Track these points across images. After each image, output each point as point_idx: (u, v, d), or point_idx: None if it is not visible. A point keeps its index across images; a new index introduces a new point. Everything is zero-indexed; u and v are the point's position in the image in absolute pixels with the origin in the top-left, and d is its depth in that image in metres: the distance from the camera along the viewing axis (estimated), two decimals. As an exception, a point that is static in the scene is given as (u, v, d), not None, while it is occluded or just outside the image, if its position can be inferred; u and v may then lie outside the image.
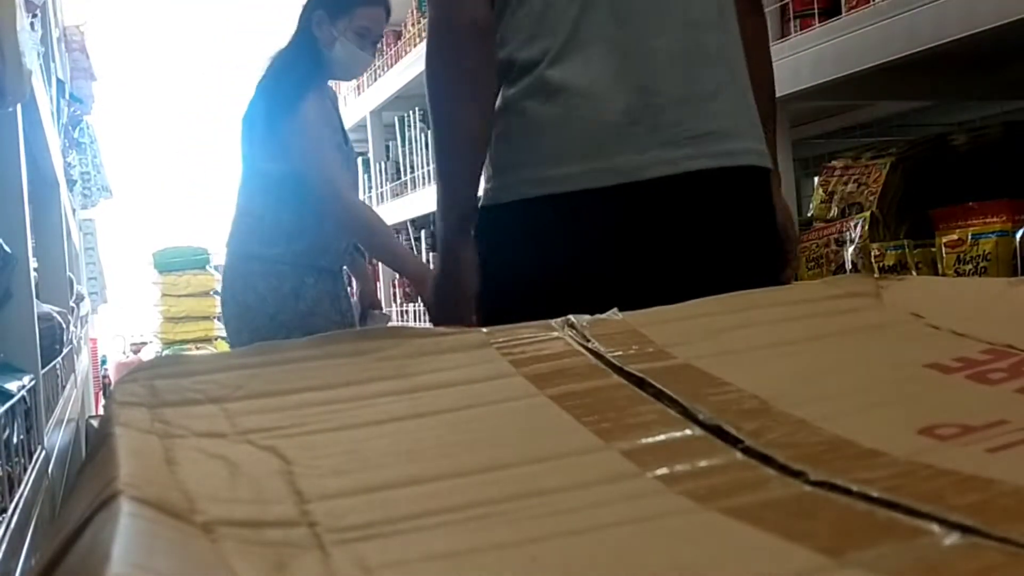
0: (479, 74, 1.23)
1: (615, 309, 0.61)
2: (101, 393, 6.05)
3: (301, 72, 2.39)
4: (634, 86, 1.20)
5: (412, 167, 4.19)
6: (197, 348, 6.78)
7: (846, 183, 1.84)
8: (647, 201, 1.19)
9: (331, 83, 2.64)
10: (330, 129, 2.41)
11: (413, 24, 4.03)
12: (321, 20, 2.39)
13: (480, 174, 1.27)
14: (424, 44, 1.26)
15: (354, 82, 4.90)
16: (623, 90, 1.20)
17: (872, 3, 1.56)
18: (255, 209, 2.44)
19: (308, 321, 2.37)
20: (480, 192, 1.30)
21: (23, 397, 1.31)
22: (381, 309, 2.79)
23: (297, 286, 2.40)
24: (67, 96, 3.78)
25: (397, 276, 4.56)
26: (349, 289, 2.72)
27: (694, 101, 1.22)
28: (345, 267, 2.72)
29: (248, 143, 2.45)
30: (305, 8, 2.43)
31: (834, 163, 1.92)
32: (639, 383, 0.47)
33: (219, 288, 2.73)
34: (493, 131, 1.26)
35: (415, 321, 4.14)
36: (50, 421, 1.83)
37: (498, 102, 1.26)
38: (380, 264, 4.61)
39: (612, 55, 1.21)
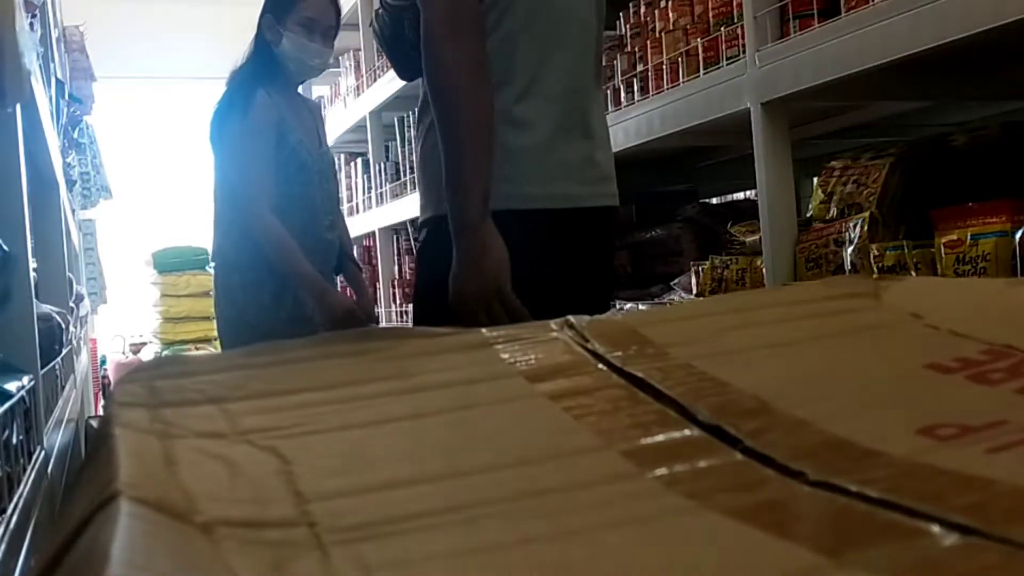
0: (483, 60, 1.35)
1: (615, 309, 0.61)
2: (101, 393, 6.04)
3: (246, 75, 2.47)
4: (582, 129, 1.46)
5: (412, 167, 4.19)
6: (197, 348, 6.78)
7: (845, 183, 1.84)
8: (583, 224, 1.45)
9: (328, 92, 2.67)
10: (285, 131, 2.44)
11: (413, 24, 4.03)
12: (270, 23, 2.48)
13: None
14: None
15: (354, 82, 4.90)
16: (575, 132, 1.44)
17: (872, 3, 1.56)
18: (226, 217, 2.50)
19: (290, 328, 2.39)
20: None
21: (23, 397, 1.31)
22: (377, 322, 2.78)
23: (278, 294, 2.43)
24: (66, 96, 3.78)
25: (396, 277, 4.56)
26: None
27: (604, 148, 1.52)
28: (340, 277, 2.73)
29: (215, 155, 2.54)
30: (259, 19, 2.53)
31: (833, 163, 1.92)
32: (639, 383, 0.47)
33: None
34: None
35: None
36: (50, 421, 1.83)
37: None
38: (379, 267, 4.62)
39: (566, 99, 1.44)
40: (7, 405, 1.16)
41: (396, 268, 4.61)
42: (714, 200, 3.36)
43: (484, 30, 1.36)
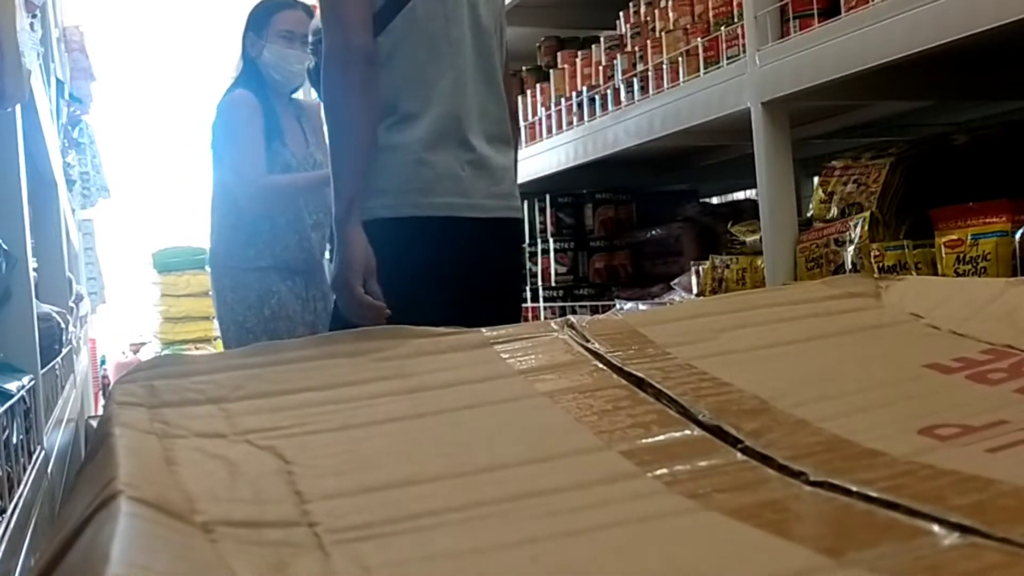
0: (370, 89, 1.54)
1: (615, 308, 0.61)
2: (100, 393, 6.04)
3: (234, 86, 2.68)
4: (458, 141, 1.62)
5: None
6: (196, 348, 6.77)
7: (846, 183, 1.84)
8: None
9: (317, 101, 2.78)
10: (272, 130, 2.60)
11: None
12: (252, 40, 2.69)
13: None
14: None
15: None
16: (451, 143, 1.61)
17: (872, 3, 1.56)
18: (216, 219, 2.67)
19: (272, 326, 2.56)
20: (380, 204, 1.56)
21: (23, 397, 1.31)
22: None
23: (263, 294, 2.58)
24: (66, 96, 3.78)
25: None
26: None
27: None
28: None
29: (212, 161, 2.71)
30: (242, 40, 2.72)
31: (834, 163, 1.92)
32: (639, 383, 0.47)
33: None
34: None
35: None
36: (49, 421, 1.83)
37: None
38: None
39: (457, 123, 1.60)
40: (7, 405, 1.16)
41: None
42: (714, 200, 3.35)
43: (376, 58, 1.54)
